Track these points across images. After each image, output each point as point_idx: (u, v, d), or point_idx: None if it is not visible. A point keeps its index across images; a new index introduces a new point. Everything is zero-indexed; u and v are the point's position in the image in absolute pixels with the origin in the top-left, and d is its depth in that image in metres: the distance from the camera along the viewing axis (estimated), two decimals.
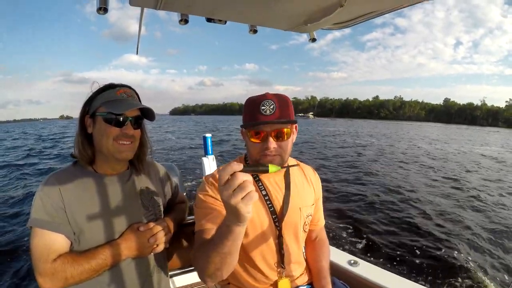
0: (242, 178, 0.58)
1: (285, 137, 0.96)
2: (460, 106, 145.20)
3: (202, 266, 0.82)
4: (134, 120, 0.97)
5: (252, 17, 1.19)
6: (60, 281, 0.84)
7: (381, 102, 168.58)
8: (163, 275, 1.11)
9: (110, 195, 0.97)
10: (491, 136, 43.61)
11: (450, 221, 5.36)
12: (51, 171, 1.28)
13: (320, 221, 1.24)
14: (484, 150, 20.15)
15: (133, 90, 1.02)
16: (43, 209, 0.88)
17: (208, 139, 2.42)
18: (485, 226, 5.21)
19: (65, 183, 0.92)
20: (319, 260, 1.15)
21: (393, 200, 6.57)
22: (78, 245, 0.91)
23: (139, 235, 0.96)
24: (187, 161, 11.63)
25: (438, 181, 9.01)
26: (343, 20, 1.23)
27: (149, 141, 1.10)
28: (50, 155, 14.97)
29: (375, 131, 40.46)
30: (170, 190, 1.21)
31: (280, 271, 1.04)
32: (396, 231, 4.83)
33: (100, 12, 0.95)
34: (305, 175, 1.18)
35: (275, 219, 1.02)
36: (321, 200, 1.23)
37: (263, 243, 1.02)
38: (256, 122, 0.93)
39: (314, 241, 1.22)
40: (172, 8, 1.06)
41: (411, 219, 5.38)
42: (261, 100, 0.94)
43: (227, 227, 0.67)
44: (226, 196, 0.59)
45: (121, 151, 0.95)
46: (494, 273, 3.65)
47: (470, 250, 4.24)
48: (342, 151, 16.43)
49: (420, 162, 12.75)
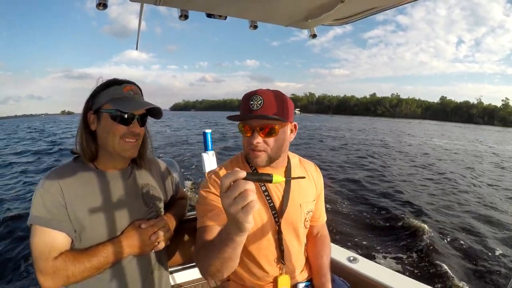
0: (244, 187, 0.56)
1: (272, 133, 0.94)
2: (456, 104, 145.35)
3: (203, 266, 0.83)
4: (140, 118, 0.96)
5: (252, 12, 1.18)
6: (61, 279, 0.83)
7: (378, 100, 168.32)
8: (164, 271, 1.10)
9: (112, 192, 0.96)
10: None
11: (449, 218, 5.39)
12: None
13: (322, 217, 1.23)
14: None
15: (137, 87, 1.00)
16: (44, 206, 0.86)
17: (208, 134, 2.41)
18: (484, 223, 5.24)
19: (65, 180, 0.90)
20: (319, 256, 1.14)
21: (391, 198, 6.60)
22: (79, 242, 0.90)
23: (141, 232, 0.95)
24: (185, 156, 11.65)
25: (432, 179, 9.11)
26: (344, 16, 1.21)
27: (150, 137, 1.09)
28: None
29: (352, 126, 42.52)
30: (171, 187, 1.20)
31: (280, 267, 1.04)
32: (395, 227, 4.85)
33: (99, 8, 0.94)
34: (306, 171, 1.16)
35: (274, 215, 1.01)
36: (322, 196, 1.21)
37: (262, 239, 1.01)
38: (243, 116, 0.93)
39: (316, 237, 1.21)
40: (172, 3, 1.05)
41: (410, 216, 5.39)
42: (251, 95, 0.94)
43: (228, 234, 0.66)
44: (226, 204, 0.57)
45: (127, 149, 0.94)
46: (494, 270, 3.68)
47: (469, 247, 4.26)
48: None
49: (417, 159, 12.91)
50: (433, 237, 4.46)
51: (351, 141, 20.63)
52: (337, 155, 13.35)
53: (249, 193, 0.56)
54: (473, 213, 5.81)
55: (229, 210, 0.57)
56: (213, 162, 2.38)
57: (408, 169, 10.50)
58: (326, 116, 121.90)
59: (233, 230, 0.63)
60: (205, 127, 2.96)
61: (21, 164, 11.02)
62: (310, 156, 11.54)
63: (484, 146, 22.94)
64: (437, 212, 5.71)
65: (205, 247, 0.85)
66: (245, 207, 0.56)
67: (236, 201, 0.56)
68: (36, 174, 9.05)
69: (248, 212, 0.57)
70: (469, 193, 7.42)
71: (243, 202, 0.56)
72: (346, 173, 9.34)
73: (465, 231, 4.83)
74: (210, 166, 2.36)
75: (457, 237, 4.56)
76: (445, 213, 5.66)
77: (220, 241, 0.71)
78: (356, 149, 15.73)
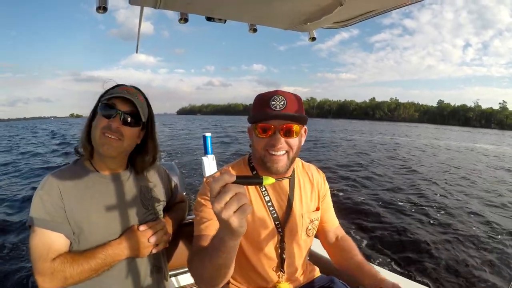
0: (234, 190, 0.53)
1: (293, 135, 0.89)
2: (454, 108, 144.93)
3: (197, 274, 0.80)
4: (125, 116, 0.91)
5: (252, 15, 1.17)
6: (59, 281, 0.81)
7: (377, 104, 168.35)
8: (162, 275, 1.08)
9: (110, 195, 0.95)
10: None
11: (450, 219, 5.32)
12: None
13: (334, 221, 1.17)
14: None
15: (138, 90, 0.98)
16: (43, 208, 0.85)
17: (208, 138, 2.38)
18: (486, 223, 5.17)
19: (65, 182, 0.89)
20: (353, 255, 1.06)
21: (392, 198, 6.53)
22: (78, 244, 0.89)
23: (139, 235, 0.93)
24: (186, 159, 11.62)
25: (430, 179, 9.02)
26: (343, 19, 1.20)
27: (158, 151, 1.05)
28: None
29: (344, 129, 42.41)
30: (170, 190, 1.18)
31: (279, 275, 1.01)
32: (396, 230, 4.76)
33: (100, 11, 0.94)
34: (308, 176, 1.11)
35: (278, 225, 0.98)
36: (329, 200, 1.16)
37: (264, 249, 0.99)
38: (266, 115, 0.87)
39: (338, 241, 1.14)
40: (172, 7, 1.04)
41: (412, 217, 5.32)
42: (271, 95, 0.89)
43: (221, 239, 0.63)
44: (218, 209, 0.54)
45: (104, 143, 0.89)
46: (495, 270, 3.61)
47: (470, 247, 4.19)
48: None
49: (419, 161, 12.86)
50: (435, 239, 4.39)
51: (336, 141, 21.32)
52: (334, 156, 13.45)
53: (240, 197, 0.54)
54: (474, 212, 5.74)
55: (221, 215, 0.54)
56: (213, 166, 2.35)
57: (403, 169, 10.45)
58: (325, 120, 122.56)
59: (226, 235, 0.61)
60: (214, 129, 2.93)
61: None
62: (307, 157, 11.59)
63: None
64: (438, 212, 5.64)
65: (198, 255, 0.81)
66: (238, 211, 0.54)
67: (227, 206, 0.53)
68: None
69: (241, 216, 0.54)
70: (469, 193, 7.35)
71: (235, 206, 0.53)
72: (346, 173, 9.29)
73: (472, 232, 4.75)
74: (210, 170, 2.32)
75: (458, 237, 4.49)
76: (446, 213, 5.60)
77: (213, 247, 0.68)
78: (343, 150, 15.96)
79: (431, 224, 5.04)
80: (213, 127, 38.44)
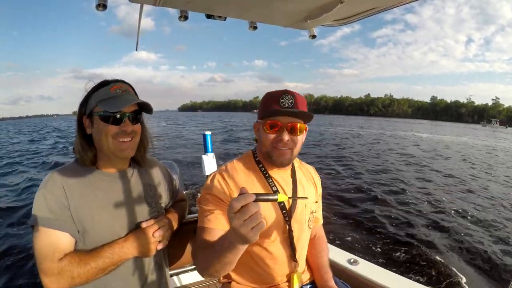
0: (253, 210, 0.59)
1: (298, 132, 0.94)
2: (447, 104, 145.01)
3: (202, 266, 0.85)
4: (132, 116, 0.91)
5: (252, 13, 1.15)
6: (66, 281, 0.79)
7: (371, 100, 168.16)
8: (163, 274, 1.06)
9: (114, 192, 0.92)
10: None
11: (450, 219, 5.25)
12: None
13: (320, 218, 1.22)
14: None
15: (128, 84, 0.95)
16: (46, 206, 0.82)
17: (208, 136, 2.34)
18: (486, 224, 5.10)
19: (68, 180, 0.86)
20: (320, 256, 1.13)
21: (391, 198, 6.44)
22: (83, 243, 0.86)
23: (144, 232, 0.92)
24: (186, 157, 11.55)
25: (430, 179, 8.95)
26: (344, 16, 1.18)
27: (150, 136, 1.04)
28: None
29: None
30: (171, 188, 1.16)
31: (292, 265, 1.02)
32: (396, 229, 4.71)
33: (99, 9, 0.92)
34: (306, 172, 1.16)
35: (285, 214, 1.00)
36: (321, 198, 1.21)
37: (275, 238, 1.00)
38: (276, 111, 0.92)
39: (314, 239, 1.19)
40: (172, 4, 1.02)
41: (411, 217, 5.26)
42: (280, 93, 0.94)
43: (231, 243, 0.68)
44: (237, 225, 0.60)
45: (122, 149, 0.89)
46: (494, 271, 3.59)
47: (470, 248, 4.15)
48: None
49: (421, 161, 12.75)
50: (433, 239, 4.35)
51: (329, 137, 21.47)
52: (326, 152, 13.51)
53: (258, 216, 0.60)
54: (475, 213, 5.65)
55: (239, 230, 0.60)
56: (213, 164, 2.31)
57: (404, 168, 10.37)
58: (322, 116, 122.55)
59: (238, 242, 0.66)
60: (216, 125, 2.86)
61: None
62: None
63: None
64: (437, 212, 5.56)
65: (204, 250, 0.85)
66: (255, 227, 0.60)
67: (246, 223, 0.59)
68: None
69: (257, 231, 0.60)
70: (469, 194, 7.23)
71: (253, 223, 0.59)
72: (346, 173, 9.23)
73: (471, 232, 4.70)
74: (210, 168, 2.29)
75: (458, 237, 4.45)
76: (446, 213, 5.51)
77: (222, 247, 0.72)
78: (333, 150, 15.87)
79: (431, 225, 5.00)
80: (212, 122, 38.96)
